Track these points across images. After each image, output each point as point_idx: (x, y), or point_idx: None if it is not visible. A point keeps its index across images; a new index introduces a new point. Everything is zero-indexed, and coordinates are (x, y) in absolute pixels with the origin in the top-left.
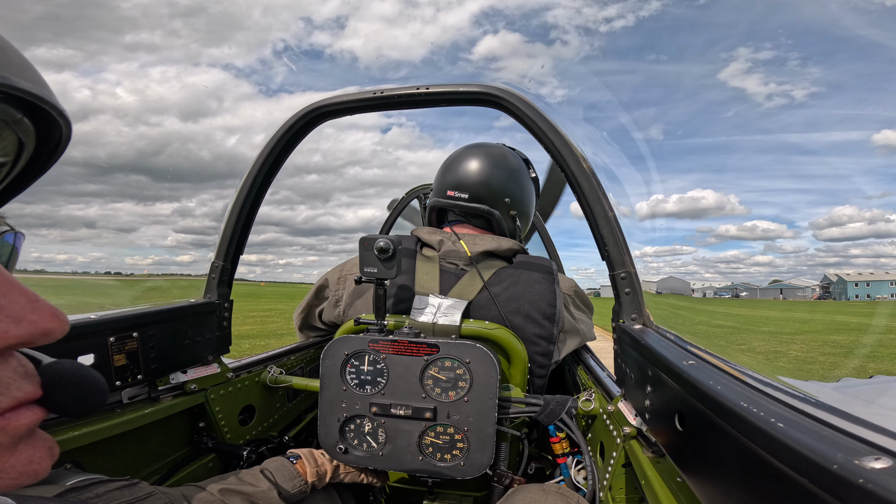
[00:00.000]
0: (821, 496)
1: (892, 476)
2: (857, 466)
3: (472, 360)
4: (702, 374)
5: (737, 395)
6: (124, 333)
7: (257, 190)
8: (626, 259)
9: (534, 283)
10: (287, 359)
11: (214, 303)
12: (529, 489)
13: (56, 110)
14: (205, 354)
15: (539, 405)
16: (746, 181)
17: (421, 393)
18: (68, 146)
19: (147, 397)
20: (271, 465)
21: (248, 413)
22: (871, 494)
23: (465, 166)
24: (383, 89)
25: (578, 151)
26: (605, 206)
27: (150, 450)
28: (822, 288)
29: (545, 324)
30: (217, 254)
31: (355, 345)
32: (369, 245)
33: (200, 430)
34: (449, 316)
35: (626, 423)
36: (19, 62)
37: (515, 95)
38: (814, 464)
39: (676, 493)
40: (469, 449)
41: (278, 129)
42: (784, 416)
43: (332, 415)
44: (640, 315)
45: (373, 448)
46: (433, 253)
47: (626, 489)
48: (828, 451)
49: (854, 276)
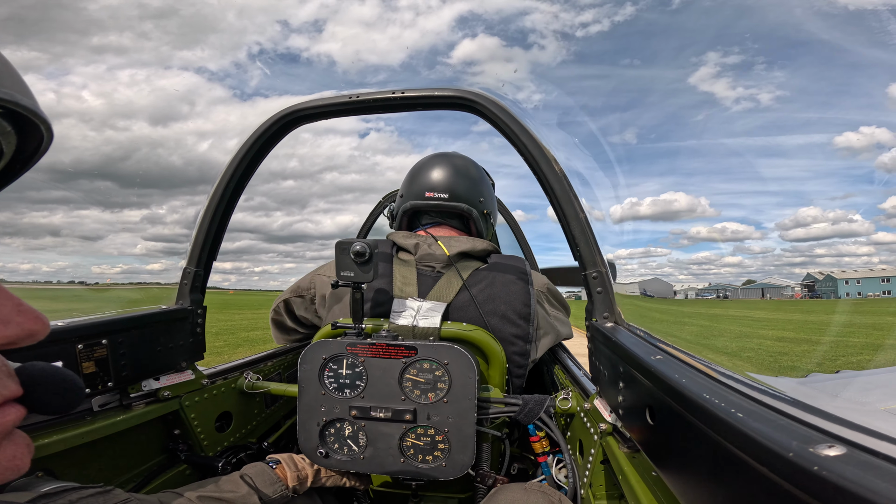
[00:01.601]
0: (779, 483)
1: (844, 463)
2: (811, 454)
3: (451, 361)
4: (668, 368)
5: (701, 387)
6: (93, 340)
7: (230, 195)
8: (598, 259)
9: (509, 284)
10: (264, 364)
11: (187, 309)
12: (511, 488)
13: (41, 121)
14: (178, 361)
15: (518, 405)
16: (716, 184)
17: (400, 395)
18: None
19: (118, 405)
20: (251, 471)
21: (226, 420)
22: (824, 481)
23: (440, 169)
24: (359, 93)
25: (550, 154)
26: (577, 208)
27: (125, 458)
28: (807, 287)
29: (521, 323)
30: (189, 259)
31: (333, 349)
32: (345, 249)
33: (176, 438)
34: (429, 319)
35: (602, 419)
36: (7, 71)
37: (490, 100)
38: (772, 452)
39: (652, 487)
40: (450, 450)
41: (252, 134)
42: (745, 407)
43: (312, 419)
44: (611, 313)
45: (354, 451)
46: (409, 257)
47: (605, 485)
48: (784, 440)
49: (844, 273)
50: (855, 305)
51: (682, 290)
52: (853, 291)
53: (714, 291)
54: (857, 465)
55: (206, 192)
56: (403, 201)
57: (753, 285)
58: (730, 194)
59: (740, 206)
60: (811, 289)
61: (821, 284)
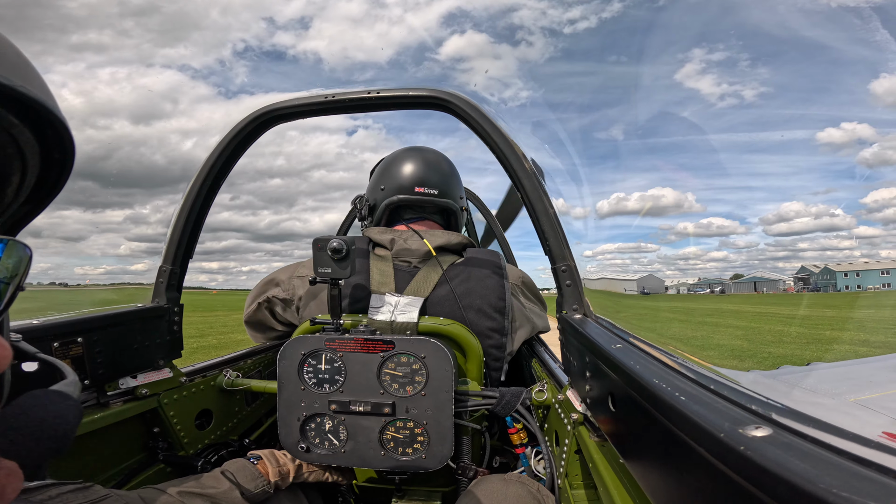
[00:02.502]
0: (713, 464)
1: (769, 444)
2: (739, 435)
3: (428, 354)
4: (626, 356)
5: (652, 373)
6: (68, 339)
7: (206, 193)
8: (567, 252)
9: (484, 279)
10: (244, 362)
11: (164, 307)
12: (491, 479)
13: (63, 127)
14: (155, 359)
15: (495, 397)
16: (702, 179)
17: (379, 389)
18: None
19: (95, 403)
20: (232, 467)
21: (206, 418)
22: (748, 461)
23: (426, 165)
24: (335, 93)
25: (520, 151)
26: (546, 204)
27: (104, 456)
28: (802, 280)
29: (496, 317)
30: (165, 258)
31: (311, 344)
32: (323, 246)
33: (156, 436)
34: (406, 313)
35: (574, 409)
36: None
37: (462, 99)
38: (706, 433)
39: (619, 474)
40: (429, 442)
41: (229, 132)
42: (689, 391)
43: (292, 414)
44: (580, 305)
45: (335, 445)
46: (385, 252)
47: (581, 475)
48: (718, 422)
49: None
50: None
51: (673, 285)
52: (852, 284)
53: (705, 286)
54: (780, 446)
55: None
56: (386, 195)
57: (744, 279)
58: (715, 189)
59: (725, 202)
60: (805, 282)
61: (817, 277)
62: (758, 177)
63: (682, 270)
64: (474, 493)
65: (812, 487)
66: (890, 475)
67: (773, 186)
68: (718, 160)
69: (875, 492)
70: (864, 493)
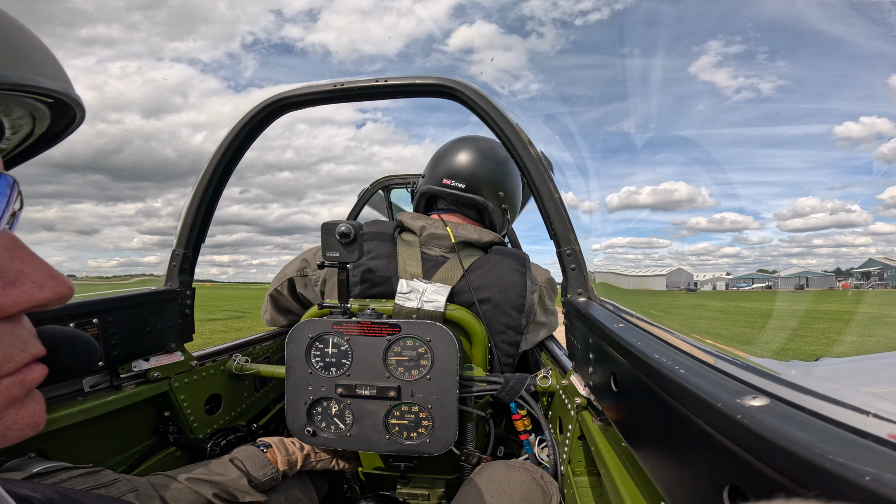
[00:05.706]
0: (711, 434)
1: (766, 413)
2: (737, 404)
3: (433, 338)
4: (627, 333)
5: (651, 349)
6: (84, 320)
7: (218, 180)
8: (571, 237)
9: (506, 274)
10: (253, 348)
11: (176, 290)
12: (495, 465)
13: (76, 103)
14: (167, 342)
15: (500, 383)
16: (715, 174)
17: (385, 373)
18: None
19: (109, 385)
20: (241, 454)
21: (215, 402)
22: (746, 429)
23: (463, 157)
24: (343, 81)
25: (526, 138)
26: (551, 188)
27: (116, 439)
28: (867, 276)
29: (514, 314)
30: (178, 242)
31: (319, 328)
32: (331, 230)
33: (166, 420)
34: (434, 301)
35: (578, 394)
36: (46, 59)
37: (468, 87)
38: (705, 403)
39: (622, 458)
40: (434, 426)
41: (239, 121)
42: (687, 364)
43: (299, 398)
44: (585, 289)
45: (341, 429)
46: (413, 237)
47: (584, 461)
48: (716, 392)
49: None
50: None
51: (708, 280)
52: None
53: (749, 281)
54: (777, 416)
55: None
56: (423, 182)
57: (791, 275)
58: (729, 184)
59: (739, 197)
60: (879, 276)
61: (893, 272)
62: (773, 171)
63: (694, 266)
64: (477, 480)
65: (808, 454)
66: (888, 445)
67: (788, 181)
68: (733, 154)
69: (872, 459)
70: (860, 459)
